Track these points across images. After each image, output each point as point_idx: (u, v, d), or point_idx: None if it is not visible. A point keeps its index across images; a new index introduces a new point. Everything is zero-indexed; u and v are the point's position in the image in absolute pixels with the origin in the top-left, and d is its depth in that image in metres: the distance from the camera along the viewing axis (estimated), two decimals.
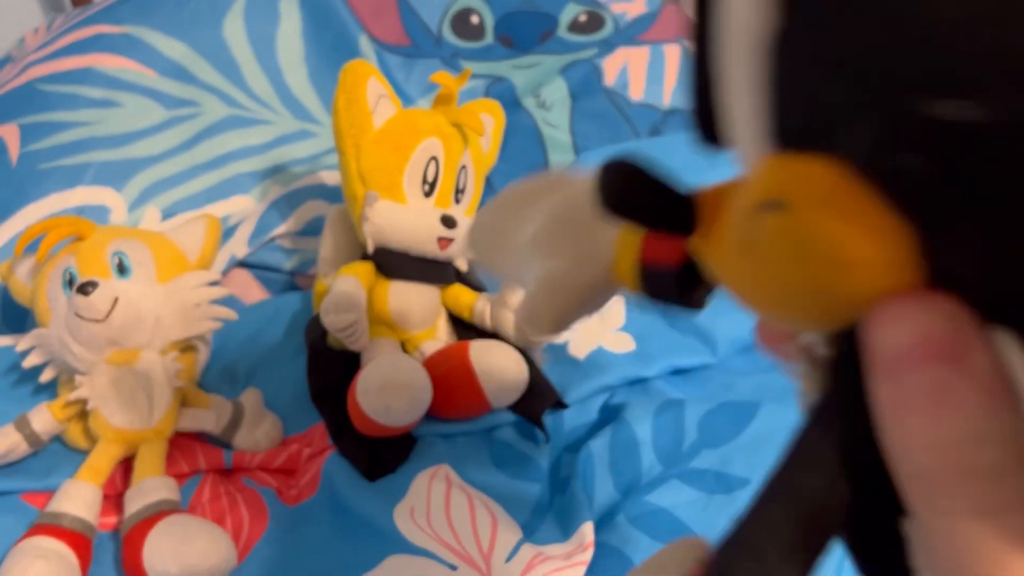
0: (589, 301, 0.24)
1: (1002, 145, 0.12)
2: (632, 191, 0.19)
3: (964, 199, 0.13)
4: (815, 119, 0.15)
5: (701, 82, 0.18)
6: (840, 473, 0.16)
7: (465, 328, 0.74)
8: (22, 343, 0.64)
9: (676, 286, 0.21)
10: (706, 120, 0.19)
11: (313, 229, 0.83)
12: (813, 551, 0.16)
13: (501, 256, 0.27)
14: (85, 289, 0.61)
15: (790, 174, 0.15)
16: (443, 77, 0.72)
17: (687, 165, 0.85)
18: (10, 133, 0.84)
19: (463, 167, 0.71)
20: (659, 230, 0.19)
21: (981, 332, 0.14)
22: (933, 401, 0.14)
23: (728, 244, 0.17)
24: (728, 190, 0.18)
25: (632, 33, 0.98)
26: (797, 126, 0.15)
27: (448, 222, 0.67)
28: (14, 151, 0.82)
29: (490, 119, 0.77)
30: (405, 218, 0.67)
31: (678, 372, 0.71)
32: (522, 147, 0.90)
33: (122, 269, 0.64)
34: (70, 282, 0.64)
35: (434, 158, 0.68)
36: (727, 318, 0.71)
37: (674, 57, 0.98)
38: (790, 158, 0.15)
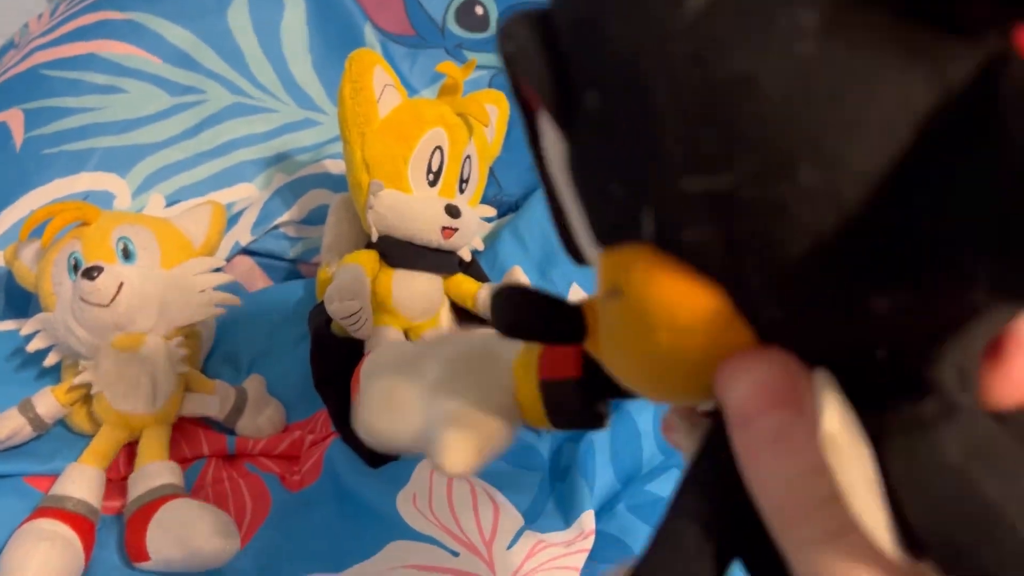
0: (500, 434, 0.25)
1: (754, 204, 0.14)
2: (524, 317, 0.21)
3: (747, 257, 0.15)
4: (612, 217, 0.17)
5: (555, 212, 0.21)
6: (721, 510, 0.18)
7: (468, 317, 0.74)
8: (26, 327, 0.64)
9: (578, 394, 0.23)
10: (568, 243, 0.21)
11: (317, 218, 0.83)
12: (714, 559, 0.18)
13: (397, 416, 0.27)
14: (90, 274, 0.61)
15: (615, 265, 0.17)
16: (448, 67, 0.72)
17: None
18: (14, 118, 0.84)
19: (468, 157, 0.71)
20: (555, 343, 0.22)
21: (807, 375, 0.16)
22: (778, 442, 0.16)
23: (600, 335, 0.19)
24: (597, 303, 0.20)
25: None
26: (605, 227, 0.18)
27: (452, 211, 0.67)
28: (18, 136, 0.82)
29: (494, 109, 0.77)
30: (409, 207, 0.67)
31: None
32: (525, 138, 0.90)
33: (127, 254, 0.65)
34: (75, 267, 0.64)
35: (439, 148, 0.69)
36: None
37: None
38: (613, 252, 0.17)
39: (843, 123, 0.13)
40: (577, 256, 0.21)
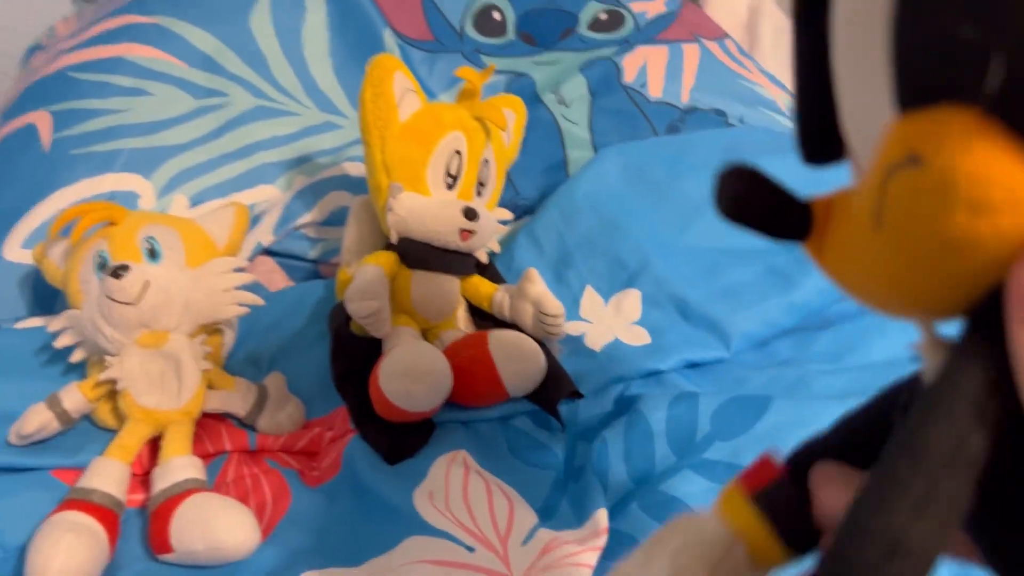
0: None
1: None
2: (751, 197, 0.19)
3: None
4: (943, 68, 0.15)
5: (810, 97, 0.19)
6: (972, 428, 0.15)
7: (484, 318, 0.75)
8: (54, 324, 0.66)
9: (790, 491, 0.22)
10: (815, 135, 0.19)
11: (337, 219, 0.84)
12: (947, 507, 0.15)
13: None
14: (117, 272, 0.62)
15: (920, 129, 0.15)
16: (467, 72, 0.73)
17: (702, 163, 0.86)
18: (43, 119, 0.86)
19: (485, 161, 0.73)
20: (775, 233, 0.19)
21: None
22: None
23: (855, 228, 0.17)
24: (840, 198, 0.18)
25: (651, 32, 1.00)
26: (925, 81, 0.15)
27: (470, 214, 0.68)
28: (47, 137, 0.84)
29: (512, 114, 0.78)
30: (428, 209, 0.68)
31: (692, 366, 0.72)
32: (541, 142, 0.91)
33: (153, 254, 0.66)
34: (102, 265, 0.65)
35: (457, 151, 0.70)
36: (741, 314, 0.72)
37: (693, 56, 0.99)
38: (917, 116, 0.15)
39: None
40: (817, 150, 0.19)
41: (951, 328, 0.17)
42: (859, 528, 0.16)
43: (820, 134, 0.19)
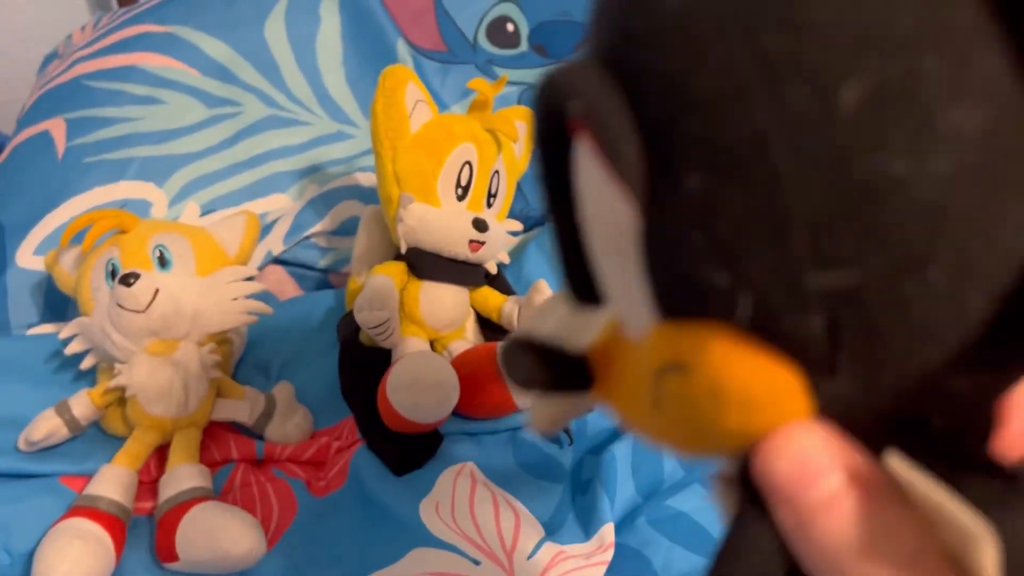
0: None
1: (876, 299, 0.15)
2: (533, 371, 0.21)
3: (848, 347, 0.15)
4: (694, 299, 0.16)
5: (569, 255, 0.19)
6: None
7: (493, 330, 0.75)
8: (65, 331, 0.66)
9: None
10: (580, 285, 0.20)
11: (347, 229, 0.85)
12: None
13: None
14: (127, 280, 0.63)
15: (682, 340, 0.17)
16: (479, 84, 0.73)
17: None
18: (57, 127, 0.86)
19: (496, 172, 0.73)
20: (564, 392, 0.21)
21: (862, 451, 0.16)
22: (829, 512, 0.16)
23: (638, 401, 0.18)
24: (614, 345, 0.20)
25: None
26: (679, 305, 0.17)
27: (480, 225, 0.68)
28: (61, 144, 0.85)
29: (523, 125, 0.78)
30: (438, 220, 0.68)
31: None
32: None
33: (163, 262, 0.66)
34: (113, 273, 0.66)
35: (468, 163, 0.70)
36: None
37: None
38: (679, 327, 0.17)
39: (986, 231, 0.14)
40: (583, 295, 0.20)
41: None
42: None
43: (584, 286, 0.20)
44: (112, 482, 0.61)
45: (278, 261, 0.84)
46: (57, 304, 0.78)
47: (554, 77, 0.17)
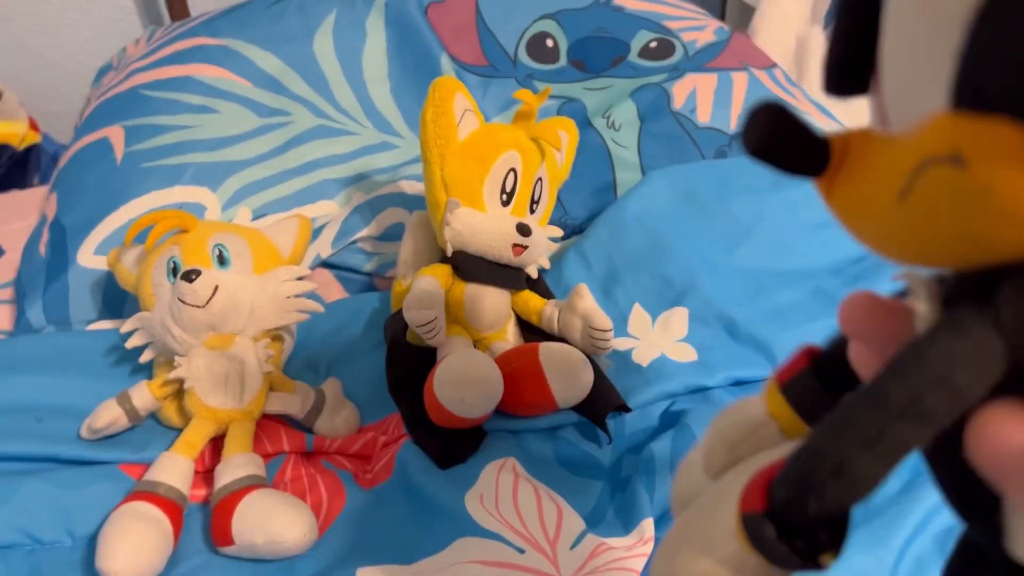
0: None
1: None
2: (774, 134, 0.19)
3: None
4: (1014, 86, 0.15)
5: (851, 33, 0.19)
6: (929, 389, 0.17)
7: (532, 332, 0.77)
8: (126, 325, 0.69)
9: (810, 380, 0.25)
10: (845, 69, 0.20)
11: (392, 234, 0.87)
12: (892, 449, 0.18)
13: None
14: (189, 276, 0.66)
15: (969, 132, 0.15)
16: (525, 95, 0.76)
17: (750, 186, 0.87)
18: (116, 134, 0.90)
19: (539, 179, 0.75)
20: (797, 170, 0.20)
21: None
22: None
23: (876, 192, 0.18)
24: (859, 141, 0.19)
25: (701, 60, 1.02)
26: (990, 92, 0.15)
27: (523, 230, 0.71)
28: (119, 150, 0.89)
29: (565, 136, 0.81)
30: (483, 224, 0.71)
31: (739, 383, 0.73)
32: (591, 165, 0.94)
33: (222, 260, 0.69)
34: (174, 270, 0.69)
35: (513, 170, 0.72)
36: (788, 334, 0.74)
37: (741, 84, 1.01)
38: (969, 118, 0.16)
39: None
40: (842, 83, 0.20)
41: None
42: (813, 450, 0.19)
43: (851, 69, 0.20)
44: (171, 469, 0.63)
45: (325, 264, 0.87)
46: (115, 301, 0.81)
47: None
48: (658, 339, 0.76)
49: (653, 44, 1.02)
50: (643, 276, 0.80)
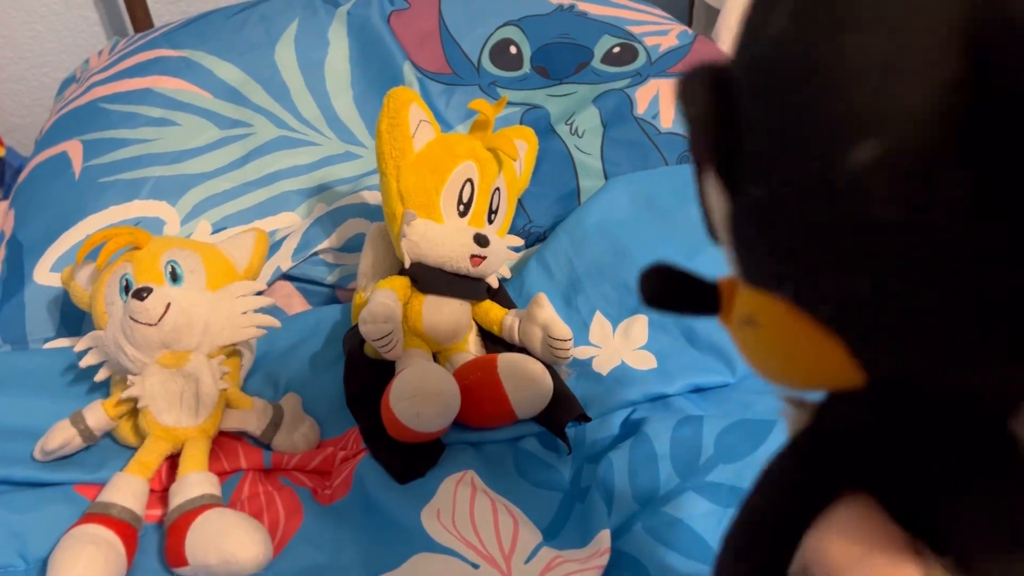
0: None
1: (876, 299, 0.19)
2: (663, 289, 0.25)
3: (867, 325, 0.19)
4: (758, 273, 0.22)
5: (706, 220, 0.25)
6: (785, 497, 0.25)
7: (494, 342, 0.77)
8: (80, 344, 0.69)
9: None
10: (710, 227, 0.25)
11: (354, 245, 0.87)
12: (761, 554, 0.24)
13: None
14: (140, 294, 0.65)
15: (755, 301, 0.22)
16: (481, 104, 0.75)
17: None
18: (74, 148, 0.89)
19: (497, 189, 0.75)
20: (692, 314, 0.25)
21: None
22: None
23: (735, 334, 0.23)
24: (734, 285, 0.24)
25: (664, 65, 1.02)
26: (752, 275, 0.22)
27: (481, 240, 0.70)
28: (77, 165, 0.88)
29: (523, 144, 0.81)
30: (440, 236, 0.70)
31: (698, 390, 0.73)
32: (554, 172, 0.93)
33: (175, 276, 0.69)
34: (126, 288, 0.68)
35: (469, 180, 0.72)
36: None
37: None
38: (756, 291, 0.22)
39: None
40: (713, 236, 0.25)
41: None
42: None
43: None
44: (124, 490, 0.63)
45: (287, 277, 0.86)
46: (72, 319, 0.80)
47: (681, 83, 0.22)
48: (619, 347, 0.76)
49: (616, 49, 1.02)
50: (604, 284, 0.80)
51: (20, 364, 0.76)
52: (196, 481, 0.63)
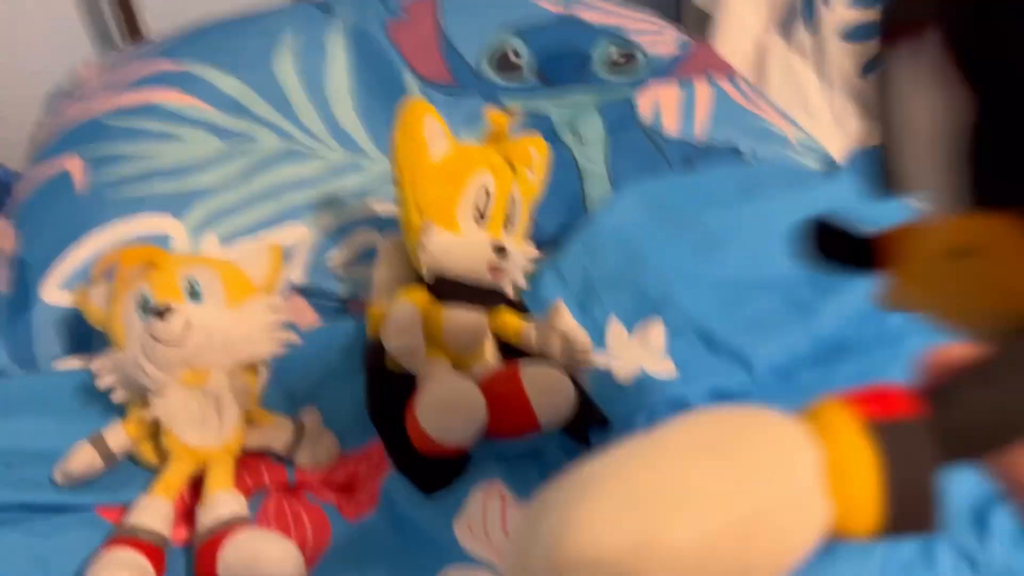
0: None
1: None
2: (829, 245, 0.23)
3: None
4: (1010, 191, 0.18)
5: (887, 152, 0.23)
6: None
7: (511, 351, 0.77)
8: (96, 364, 0.68)
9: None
10: (888, 177, 0.23)
11: (364, 257, 0.86)
12: None
13: None
14: (161, 313, 0.64)
15: (978, 228, 0.19)
16: (495, 115, 0.76)
17: (721, 197, 0.88)
18: (75, 165, 0.88)
19: (513, 198, 0.75)
20: (857, 267, 0.23)
21: None
22: None
23: (923, 277, 0.21)
24: (907, 231, 0.22)
25: (663, 70, 1.02)
26: (990, 196, 0.19)
27: (500, 250, 0.70)
28: (79, 182, 0.87)
29: (536, 153, 0.81)
30: (459, 247, 0.70)
31: (718, 394, 0.73)
32: (559, 179, 0.93)
33: (194, 294, 0.68)
34: (145, 307, 0.67)
35: (486, 190, 0.72)
36: (764, 344, 0.74)
37: (705, 93, 1.02)
38: (979, 217, 0.19)
39: None
40: (890, 187, 0.23)
41: None
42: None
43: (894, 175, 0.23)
44: (150, 512, 0.62)
45: (298, 290, 0.86)
46: (83, 337, 0.79)
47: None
48: (636, 353, 0.76)
49: (616, 56, 1.03)
50: (619, 290, 0.80)
51: (32, 386, 0.75)
52: (224, 501, 0.63)
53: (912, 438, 0.17)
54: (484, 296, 0.73)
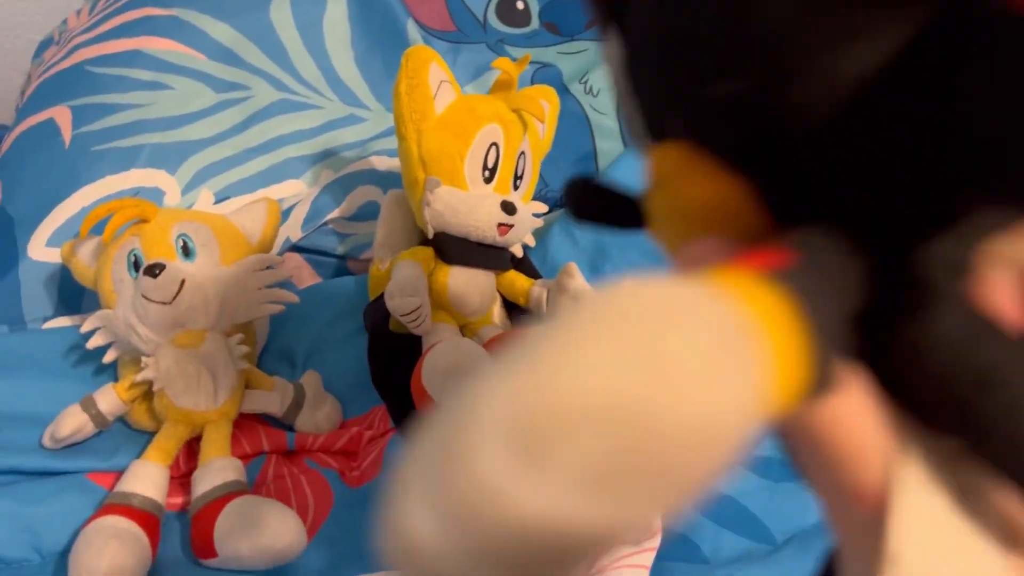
0: None
1: (761, 104, 0.16)
2: (595, 200, 0.23)
3: (764, 150, 0.16)
4: (656, 118, 0.19)
5: (623, 105, 0.22)
6: None
7: (519, 313, 0.74)
8: (86, 324, 0.64)
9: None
10: (633, 131, 0.23)
11: (365, 214, 0.83)
12: None
13: None
14: (152, 271, 0.61)
15: (658, 160, 0.19)
16: (503, 63, 0.72)
17: None
18: (62, 114, 0.84)
19: (522, 153, 0.71)
20: (618, 227, 0.23)
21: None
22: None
23: (651, 212, 0.20)
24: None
25: None
26: (650, 125, 0.20)
27: (508, 208, 0.67)
28: (67, 133, 0.83)
29: (547, 105, 0.77)
30: (466, 204, 0.67)
31: None
32: (570, 133, 0.90)
33: (187, 251, 0.65)
34: (136, 264, 0.64)
35: (494, 144, 0.68)
36: None
37: None
38: (658, 147, 0.19)
39: (832, 42, 0.15)
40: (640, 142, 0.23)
41: None
42: None
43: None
44: (144, 479, 0.59)
45: (296, 248, 0.82)
46: (72, 296, 0.76)
47: None
48: None
49: None
50: (631, 250, 0.77)
51: (20, 346, 0.71)
52: (220, 467, 0.60)
53: (810, 280, 0.15)
54: (491, 256, 0.70)
